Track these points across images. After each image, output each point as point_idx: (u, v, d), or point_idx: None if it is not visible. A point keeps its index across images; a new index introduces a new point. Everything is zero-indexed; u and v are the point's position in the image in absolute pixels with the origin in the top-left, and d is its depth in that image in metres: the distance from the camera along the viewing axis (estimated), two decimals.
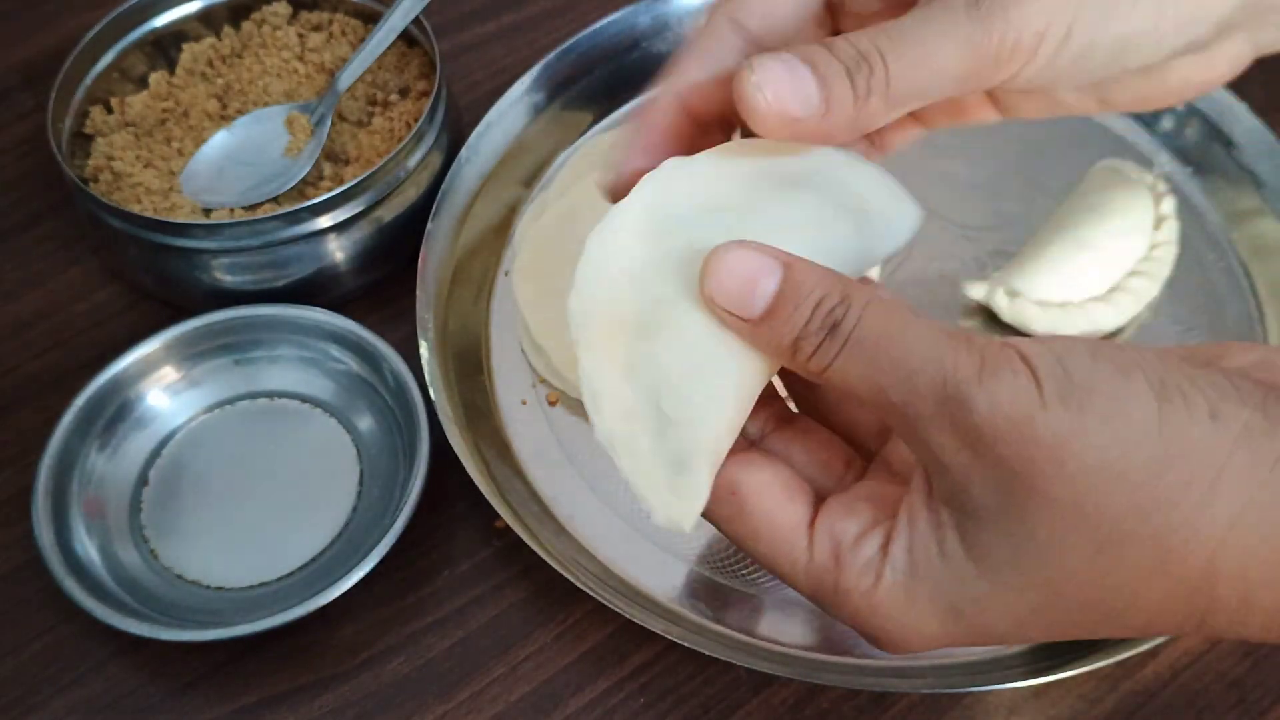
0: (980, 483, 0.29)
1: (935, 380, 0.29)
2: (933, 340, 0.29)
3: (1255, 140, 0.62)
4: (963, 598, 0.31)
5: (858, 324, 0.30)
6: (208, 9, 0.66)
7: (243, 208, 0.60)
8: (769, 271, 0.31)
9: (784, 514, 0.33)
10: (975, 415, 0.29)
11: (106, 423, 0.54)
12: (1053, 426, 0.28)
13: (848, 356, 0.30)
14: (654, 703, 0.49)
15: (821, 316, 0.30)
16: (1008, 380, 0.29)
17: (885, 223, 0.35)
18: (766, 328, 0.31)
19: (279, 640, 0.50)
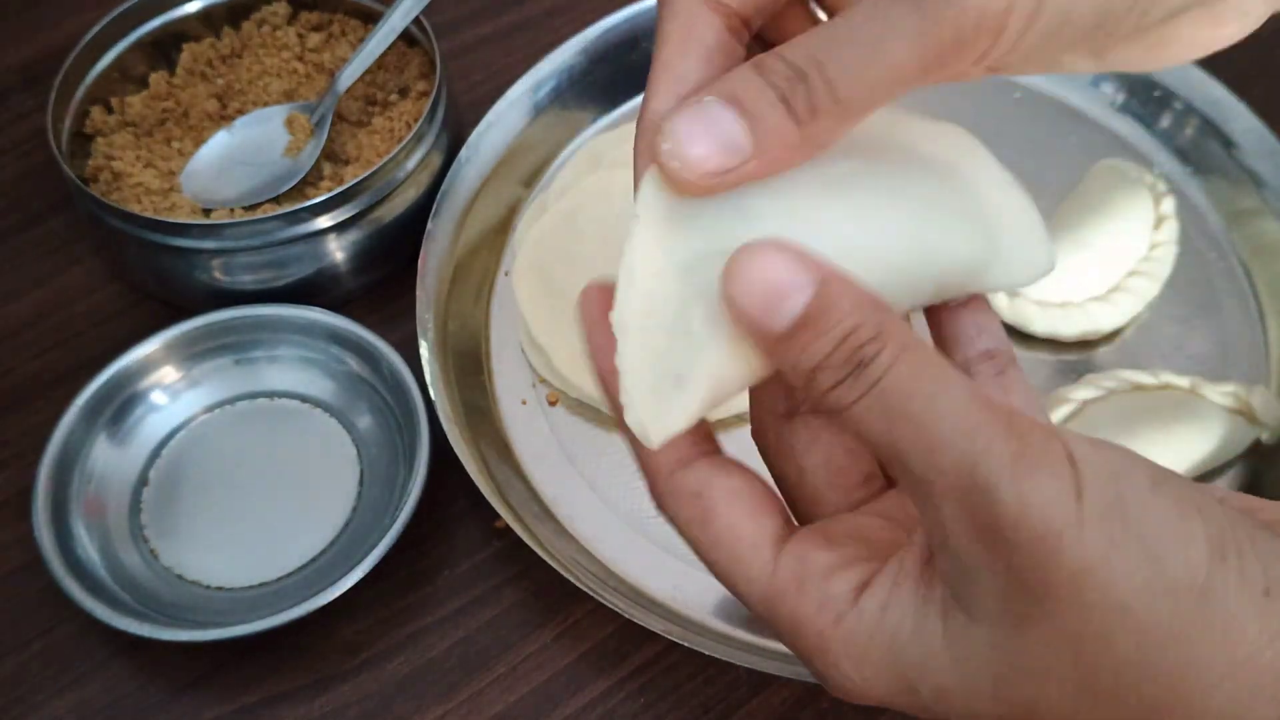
0: (986, 583, 0.26)
1: (962, 462, 0.25)
2: (967, 412, 0.26)
3: (1255, 140, 0.62)
4: (924, 681, 0.28)
5: (887, 372, 0.26)
6: (208, 9, 0.66)
7: (243, 208, 0.60)
8: (800, 287, 0.26)
9: (748, 526, 0.30)
10: (999, 513, 0.25)
11: (107, 423, 0.54)
12: (1083, 550, 0.25)
13: (868, 405, 0.26)
14: (654, 703, 0.49)
15: (847, 352, 0.26)
16: (1044, 482, 0.25)
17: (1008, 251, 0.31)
18: (785, 348, 0.27)
19: (279, 640, 0.50)
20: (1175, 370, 0.55)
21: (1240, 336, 0.58)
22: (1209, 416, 0.53)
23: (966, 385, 0.26)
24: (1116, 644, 0.25)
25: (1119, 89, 0.67)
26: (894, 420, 0.26)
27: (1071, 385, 0.55)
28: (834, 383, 0.27)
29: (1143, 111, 0.66)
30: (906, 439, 0.26)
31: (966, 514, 0.26)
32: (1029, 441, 0.25)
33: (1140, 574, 0.25)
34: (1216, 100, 0.63)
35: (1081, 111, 0.67)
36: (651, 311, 0.28)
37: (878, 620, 0.28)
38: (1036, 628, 0.26)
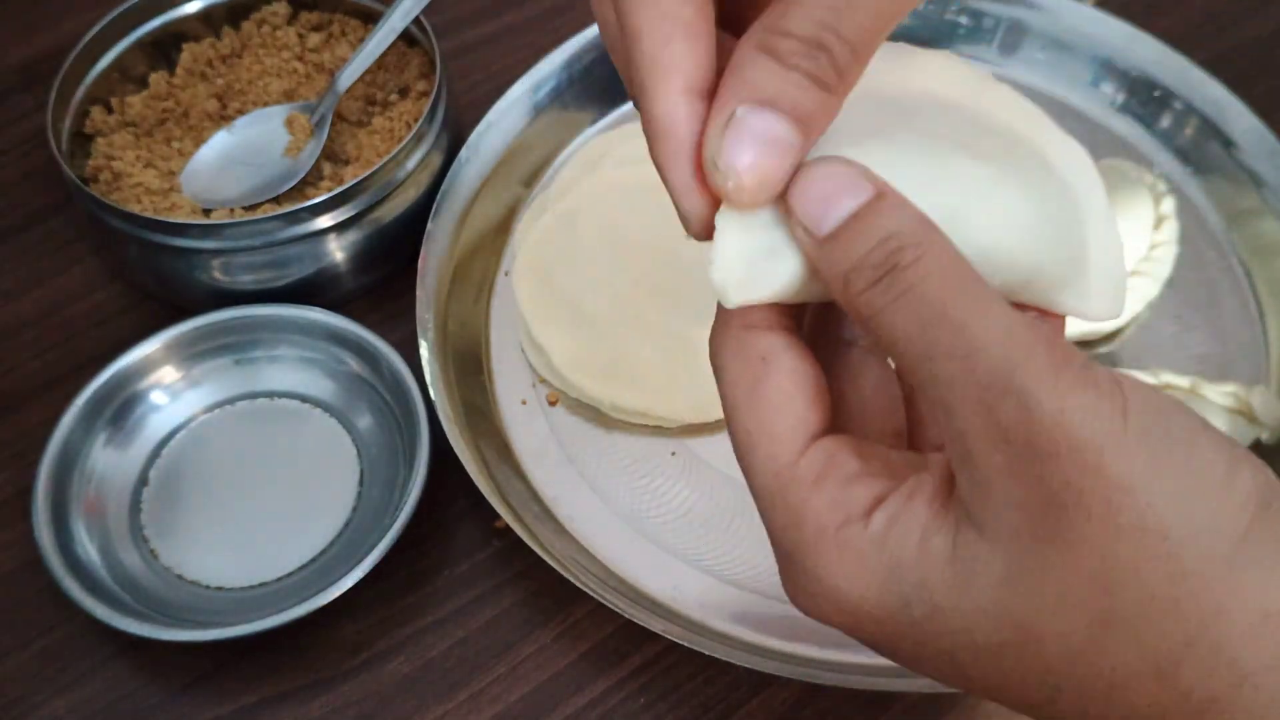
0: (1006, 493, 0.25)
1: (1000, 366, 0.24)
2: (1010, 326, 0.25)
3: (1255, 140, 0.62)
4: (919, 598, 0.27)
5: (925, 277, 0.26)
6: (208, 9, 0.66)
7: (243, 208, 0.60)
8: (853, 193, 0.27)
9: (797, 407, 0.29)
10: (1036, 419, 0.24)
11: (107, 423, 0.54)
12: (1124, 465, 0.24)
13: (902, 307, 0.26)
14: (654, 703, 0.49)
15: (885, 252, 0.26)
16: (1089, 399, 0.24)
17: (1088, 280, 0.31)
18: (828, 250, 0.27)
19: (279, 640, 0.50)
20: (1175, 370, 0.55)
21: (1240, 336, 0.58)
22: (1209, 416, 0.53)
23: (1006, 305, 0.26)
24: (1146, 574, 0.24)
25: (1119, 89, 0.67)
26: (928, 323, 0.25)
27: None
28: (868, 284, 0.26)
29: (1143, 111, 0.66)
30: (943, 342, 0.25)
31: (998, 421, 0.25)
32: (1073, 360, 0.25)
33: (1184, 504, 0.24)
34: (1216, 100, 0.63)
35: (1081, 111, 0.67)
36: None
37: (883, 536, 0.27)
38: (1058, 548, 0.25)
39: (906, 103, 0.30)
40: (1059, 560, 0.25)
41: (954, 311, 0.25)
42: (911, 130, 0.30)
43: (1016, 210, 0.30)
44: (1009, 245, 0.29)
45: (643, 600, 0.50)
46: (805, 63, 0.26)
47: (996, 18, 0.69)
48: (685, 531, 0.53)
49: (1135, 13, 0.68)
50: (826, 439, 0.29)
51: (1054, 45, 0.68)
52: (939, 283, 0.26)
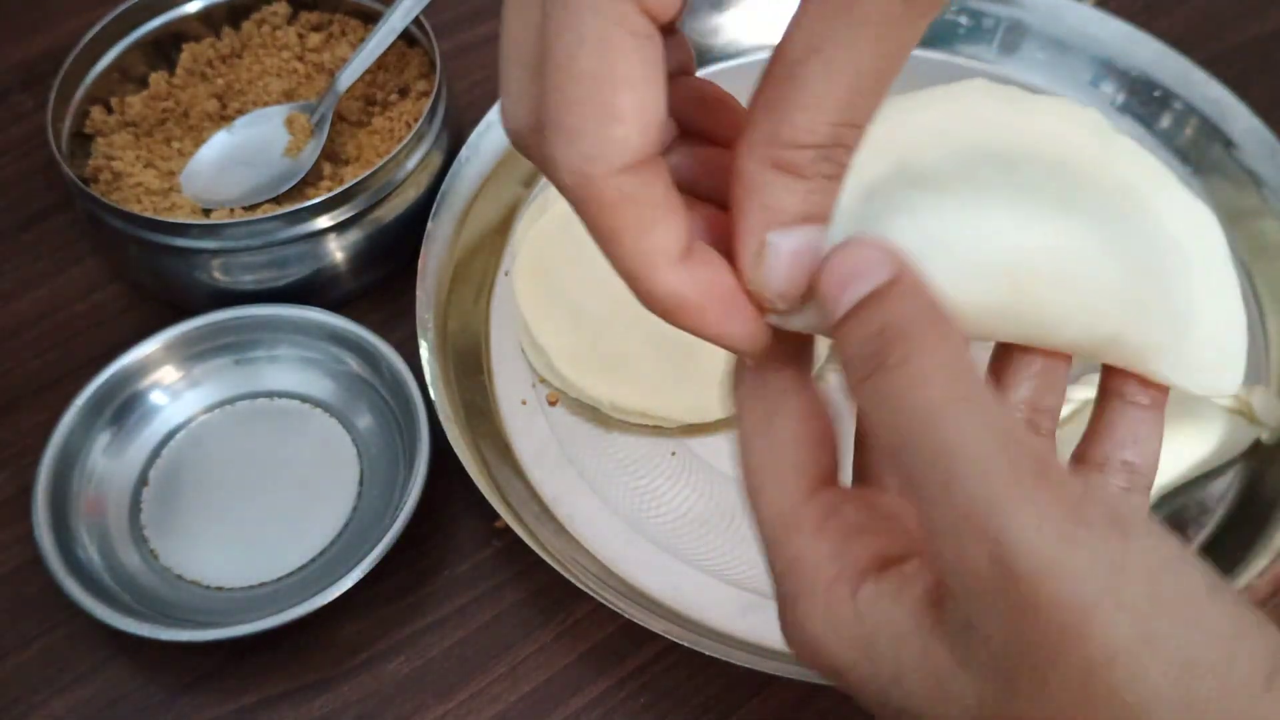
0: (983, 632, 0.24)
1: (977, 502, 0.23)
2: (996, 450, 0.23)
3: (1255, 140, 0.62)
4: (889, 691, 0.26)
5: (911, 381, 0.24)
6: (208, 9, 0.66)
7: (243, 208, 0.60)
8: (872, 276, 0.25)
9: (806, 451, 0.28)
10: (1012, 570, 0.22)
11: (107, 423, 0.54)
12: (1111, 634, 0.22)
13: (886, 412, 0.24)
14: (654, 703, 0.49)
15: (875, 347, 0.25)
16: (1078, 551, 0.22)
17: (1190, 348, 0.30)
18: (837, 336, 0.26)
19: (279, 640, 0.50)
20: None
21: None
22: (1209, 416, 0.53)
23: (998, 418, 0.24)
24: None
25: (1119, 89, 0.67)
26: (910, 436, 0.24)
27: (1072, 385, 0.55)
28: (859, 377, 0.25)
29: (1143, 111, 0.66)
30: (922, 460, 0.24)
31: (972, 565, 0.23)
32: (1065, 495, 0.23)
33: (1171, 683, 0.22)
34: (1216, 100, 0.63)
35: None
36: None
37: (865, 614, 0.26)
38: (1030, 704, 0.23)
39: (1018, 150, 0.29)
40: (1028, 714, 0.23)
41: (936, 429, 0.23)
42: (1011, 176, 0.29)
43: (1098, 266, 0.28)
44: (1083, 302, 0.28)
45: (643, 600, 0.50)
46: (824, 167, 0.25)
47: (996, 18, 0.68)
48: (685, 531, 0.53)
49: (1135, 13, 0.69)
50: (836, 489, 0.28)
51: (1054, 45, 0.68)
52: (924, 390, 0.24)
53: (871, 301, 0.25)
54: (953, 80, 0.31)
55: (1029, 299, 0.28)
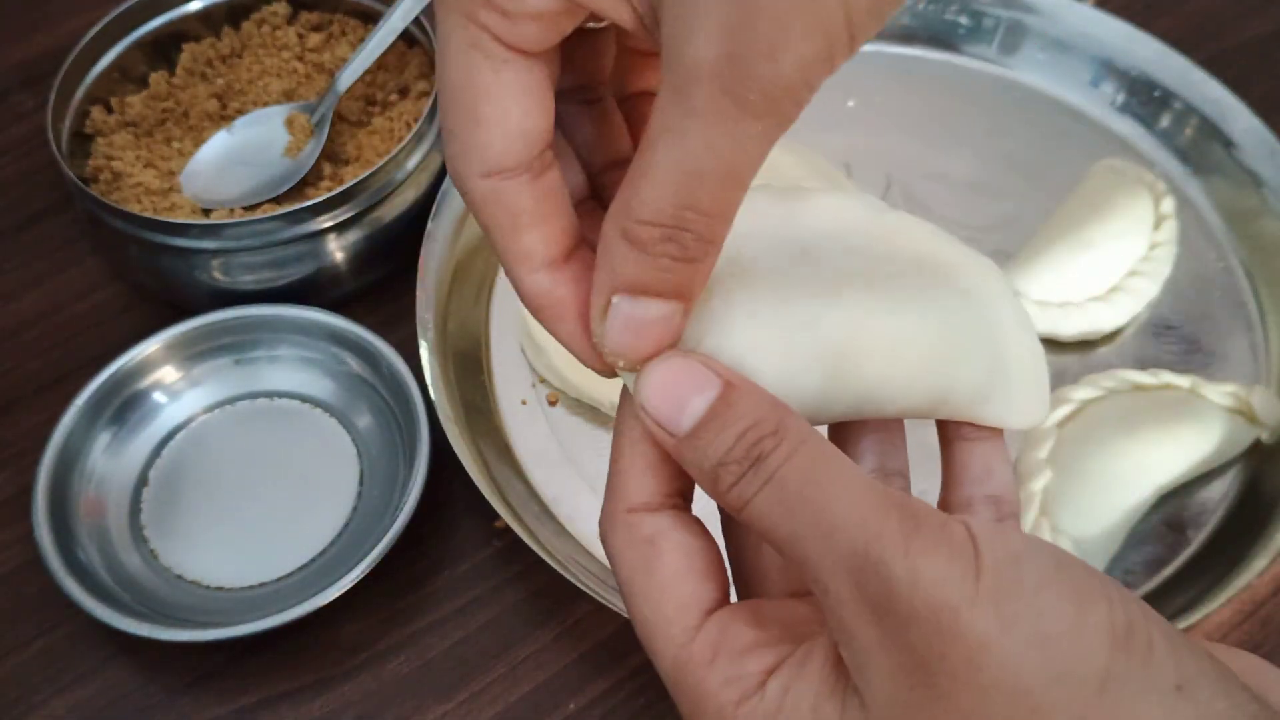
0: (881, 663, 0.26)
1: (855, 542, 0.25)
2: (862, 498, 0.26)
3: (1255, 140, 0.62)
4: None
5: (785, 462, 0.27)
6: (208, 9, 0.66)
7: (243, 208, 0.60)
8: (705, 388, 0.28)
9: (687, 587, 0.29)
10: (893, 588, 0.25)
11: (107, 423, 0.54)
12: (977, 625, 0.24)
13: (768, 496, 0.27)
14: (654, 703, 0.49)
15: (747, 446, 0.27)
16: (940, 561, 0.25)
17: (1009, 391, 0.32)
18: (691, 447, 0.28)
19: (279, 640, 0.50)
20: (1175, 370, 0.55)
21: (1240, 336, 0.58)
22: (1209, 416, 0.53)
23: (861, 475, 0.27)
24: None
25: (1119, 89, 0.67)
26: (791, 508, 0.26)
27: (1071, 385, 0.55)
28: (735, 479, 0.27)
29: (1143, 111, 0.66)
30: (805, 525, 0.26)
31: (861, 593, 0.25)
32: (924, 523, 0.26)
33: (1035, 657, 0.24)
34: (1216, 100, 0.63)
35: (1081, 111, 0.67)
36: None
37: (778, 704, 0.28)
38: (933, 711, 0.25)
39: (805, 239, 0.31)
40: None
41: (812, 492, 0.26)
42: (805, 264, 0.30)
43: (914, 335, 0.30)
44: (908, 370, 0.30)
45: None
46: (669, 248, 0.27)
47: (996, 18, 0.68)
48: None
49: (1135, 13, 0.69)
50: (721, 612, 0.29)
51: (1054, 45, 0.68)
52: (797, 466, 0.27)
53: (720, 411, 0.27)
54: (955, 80, 0.32)
55: (863, 376, 0.30)
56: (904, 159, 0.65)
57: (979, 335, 0.32)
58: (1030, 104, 0.67)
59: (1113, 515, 0.51)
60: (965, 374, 0.31)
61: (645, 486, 0.30)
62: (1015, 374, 0.32)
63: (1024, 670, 0.24)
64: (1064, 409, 0.53)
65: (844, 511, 0.26)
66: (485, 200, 0.28)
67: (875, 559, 0.25)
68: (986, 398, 0.32)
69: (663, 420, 0.28)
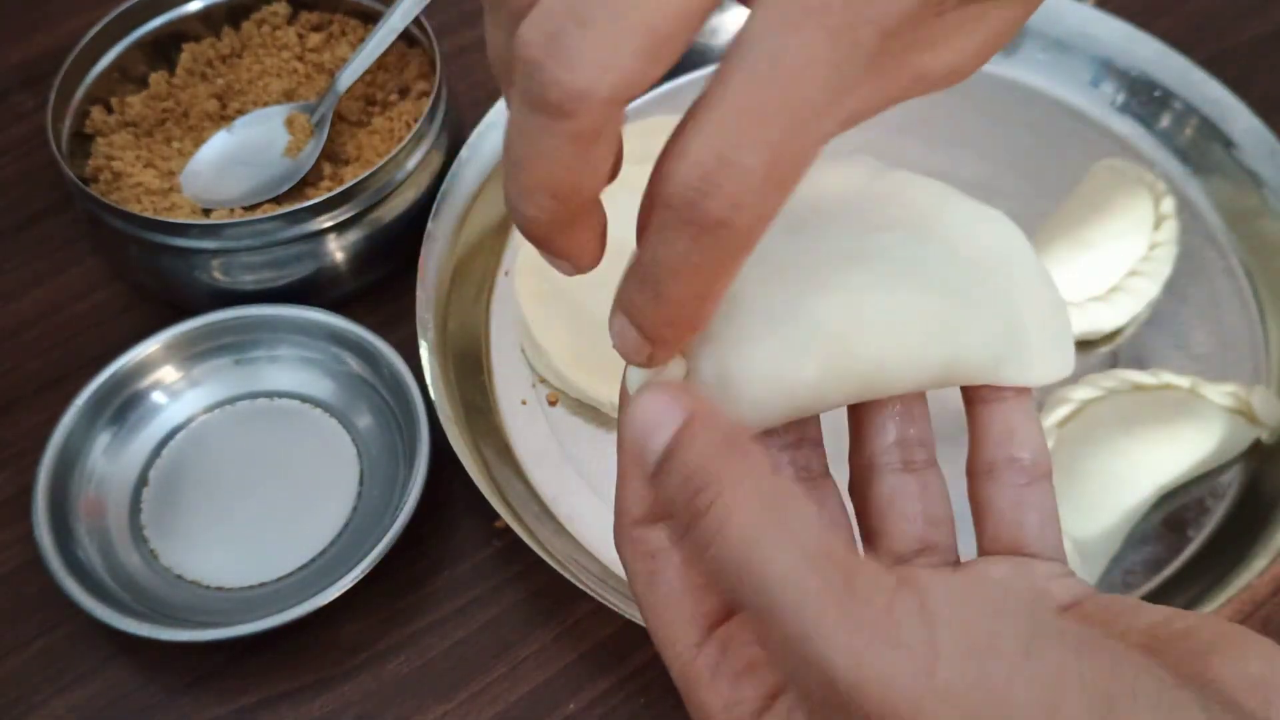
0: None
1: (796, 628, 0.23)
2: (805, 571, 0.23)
3: (1255, 140, 0.62)
4: None
5: (723, 524, 0.25)
6: (208, 9, 0.66)
7: (243, 208, 0.60)
8: (665, 425, 0.26)
9: (689, 602, 0.29)
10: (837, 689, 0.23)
11: (107, 423, 0.54)
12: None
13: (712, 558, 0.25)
14: (654, 703, 0.49)
15: (686, 497, 0.25)
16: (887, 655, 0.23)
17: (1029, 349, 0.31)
18: (656, 488, 0.27)
19: (279, 640, 0.50)
20: (1175, 370, 0.55)
21: (1240, 336, 0.58)
22: (1209, 416, 0.53)
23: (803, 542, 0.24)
24: None
25: (1119, 89, 0.67)
26: (734, 577, 0.24)
27: (1071, 385, 0.55)
28: (683, 529, 0.26)
29: (1143, 111, 0.66)
30: (748, 598, 0.24)
31: (807, 691, 0.24)
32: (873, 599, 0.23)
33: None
34: (1216, 100, 0.63)
35: (1081, 111, 0.67)
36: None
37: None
38: None
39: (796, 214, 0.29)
40: None
41: (751, 565, 0.24)
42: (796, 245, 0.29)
43: (914, 310, 0.29)
44: (911, 348, 0.29)
45: None
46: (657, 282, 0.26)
47: None
48: None
49: (1135, 13, 0.69)
50: (725, 628, 0.29)
51: (1054, 45, 0.68)
52: (735, 530, 0.24)
53: (672, 452, 0.26)
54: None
55: (862, 361, 0.29)
56: (904, 159, 0.64)
57: (986, 298, 0.30)
58: (1030, 104, 0.67)
59: (1113, 515, 0.51)
60: (974, 341, 0.30)
61: (644, 498, 0.30)
62: (1033, 331, 0.31)
63: None
64: (1064, 409, 0.53)
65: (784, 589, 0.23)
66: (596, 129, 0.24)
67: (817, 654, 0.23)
68: (1002, 359, 0.31)
69: (635, 457, 0.27)
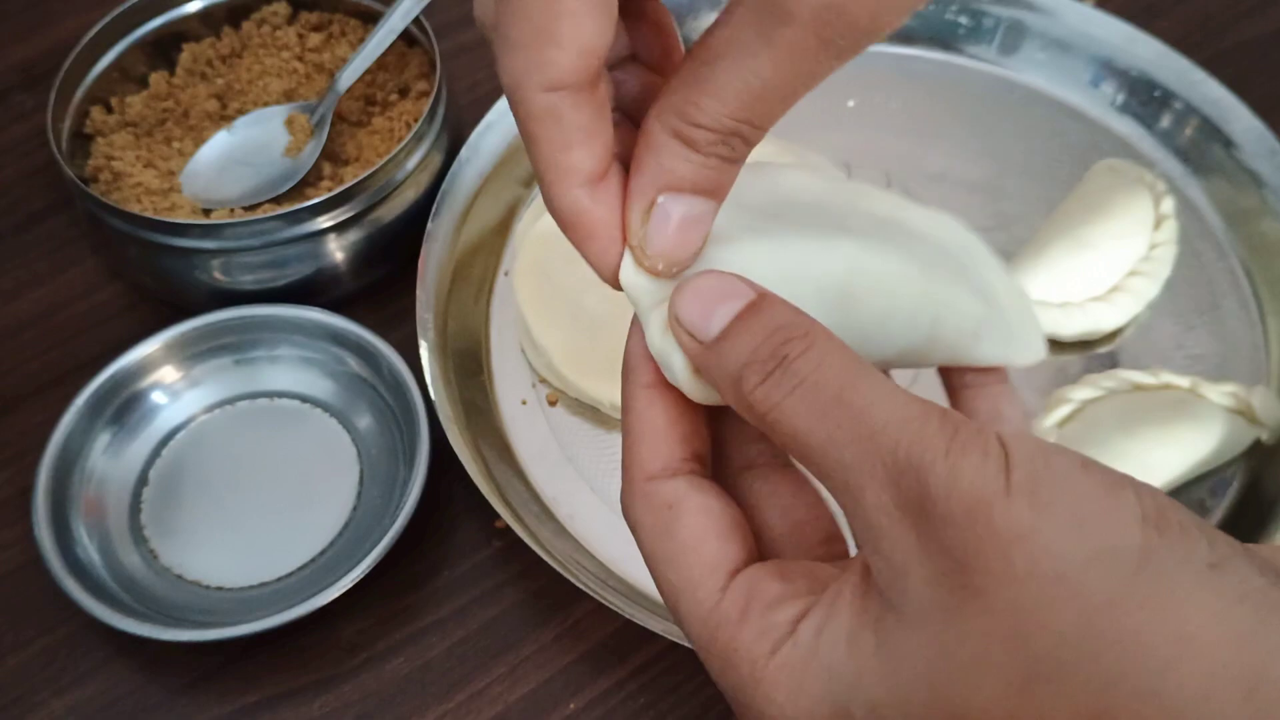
0: (918, 570, 0.25)
1: (898, 441, 0.25)
2: (905, 402, 0.26)
3: (1255, 140, 0.62)
4: (857, 699, 0.26)
5: (818, 365, 0.27)
6: (208, 9, 0.66)
7: (243, 208, 0.60)
8: (736, 297, 0.28)
9: (711, 548, 0.29)
10: (930, 489, 0.25)
11: (107, 423, 0.54)
12: (1011, 517, 0.24)
13: (799, 398, 0.27)
14: (654, 703, 0.49)
15: (774, 345, 0.27)
16: (975, 460, 0.25)
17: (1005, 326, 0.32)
18: (716, 353, 0.28)
19: (279, 640, 0.50)
20: (1175, 370, 0.55)
21: (1240, 336, 0.58)
22: (1209, 416, 0.53)
23: (893, 383, 0.27)
24: (1055, 616, 0.24)
25: (1119, 89, 0.67)
26: (825, 411, 0.26)
27: (1071, 385, 0.55)
28: (762, 377, 0.27)
29: (1143, 111, 0.66)
30: (841, 427, 0.26)
31: (899, 498, 0.25)
32: (964, 429, 0.26)
33: (1070, 540, 0.24)
34: (1216, 100, 0.63)
35: (1081, 111, 0.67)
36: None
37: (812, 646, 0.27)
38: (970, 614, 0.25)
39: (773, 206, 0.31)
40: (974, 628, 0.25)
41: (850, 395, 0.26)
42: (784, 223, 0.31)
43: (903, 273, 0.31)
44: (906, 305, 0.31)
45: (643, 600, 0.50)
46: (720, 149, 0.28)
47: (996, 18, 0.68)
48: None
49: (1135, 13, 0.69)
50: (747, 571, 0.29)
51: (1054, 45, 0.68)
52: (831, 369, 0.27)
53: (750, 313, 0.28)
54: (955, 80, 0.32)
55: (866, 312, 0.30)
56: (904, 159, 0.65)
57: (962, 278, 0.32)
58: (1030, 104, 0.67)
59: None
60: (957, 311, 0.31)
61: (659, 453, 0.30)
62: (1007, 308, 0.32)
63: (1059, 555, 0.24)
64: (1064, 409, 0.53)
65: (885, 415, 0.26)
66: (544, 115, 0.28)
67: (916, 461, 0.25)
68: (982, 335, 0.32)
69: (692, 326, 0.28)
